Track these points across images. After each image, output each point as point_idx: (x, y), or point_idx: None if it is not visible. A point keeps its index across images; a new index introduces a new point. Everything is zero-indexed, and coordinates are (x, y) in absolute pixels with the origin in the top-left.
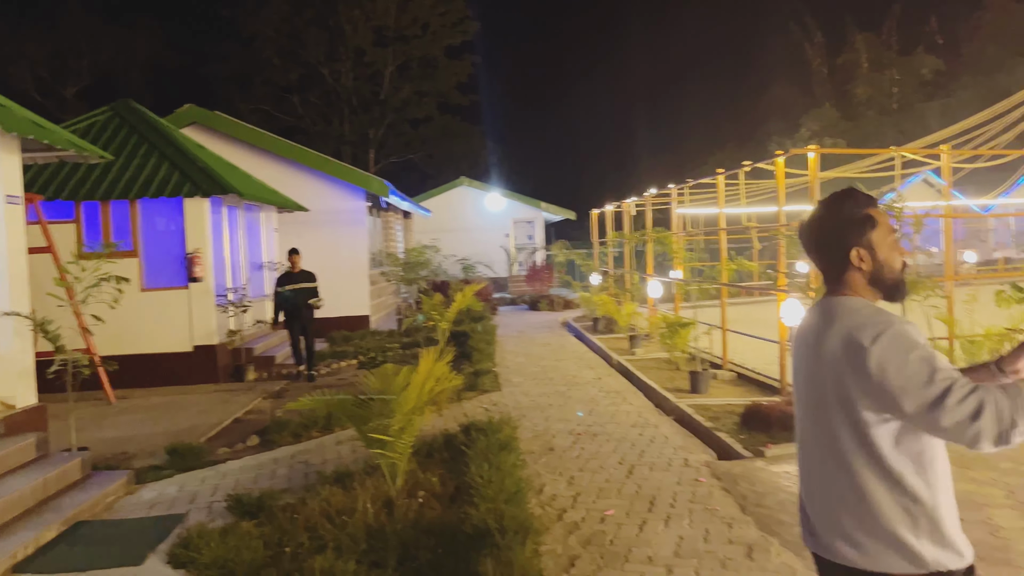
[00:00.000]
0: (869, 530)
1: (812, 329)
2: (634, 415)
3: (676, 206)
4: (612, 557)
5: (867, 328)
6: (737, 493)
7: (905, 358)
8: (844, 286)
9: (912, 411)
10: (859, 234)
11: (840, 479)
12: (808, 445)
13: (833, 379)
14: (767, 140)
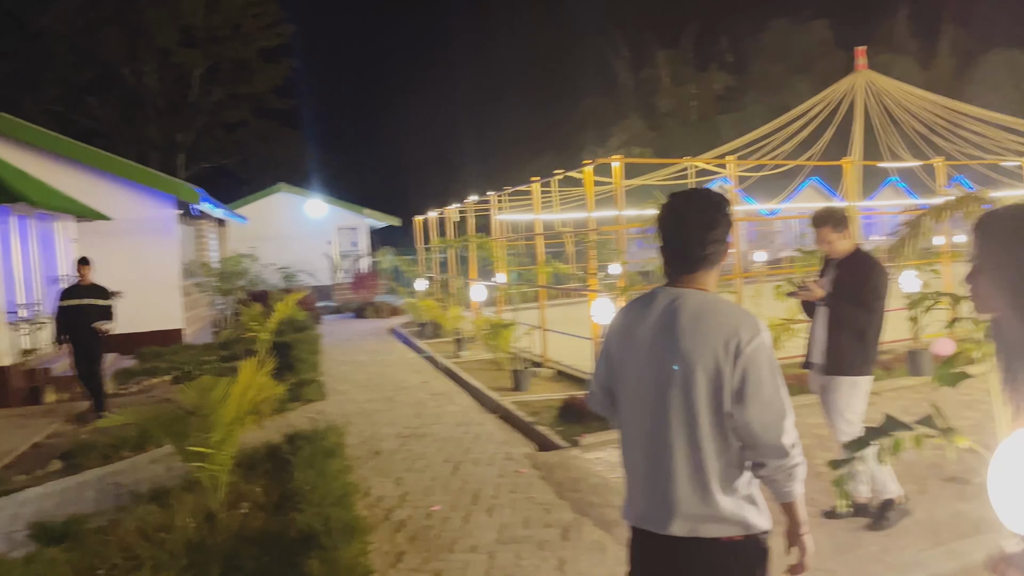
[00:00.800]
0: (721, 502)
1: (671, 315)
2: (460, 415)
3: (496, 212)
4: (438, 549)
5: (746, 329)
6: (554, 481)
7: (769, 363)
8: (702, 278)
9: (752, 417)
10: (726, 236)
11: (695, 456)
12: (659, 427)
13: (708, 367)
14: (581, 149)
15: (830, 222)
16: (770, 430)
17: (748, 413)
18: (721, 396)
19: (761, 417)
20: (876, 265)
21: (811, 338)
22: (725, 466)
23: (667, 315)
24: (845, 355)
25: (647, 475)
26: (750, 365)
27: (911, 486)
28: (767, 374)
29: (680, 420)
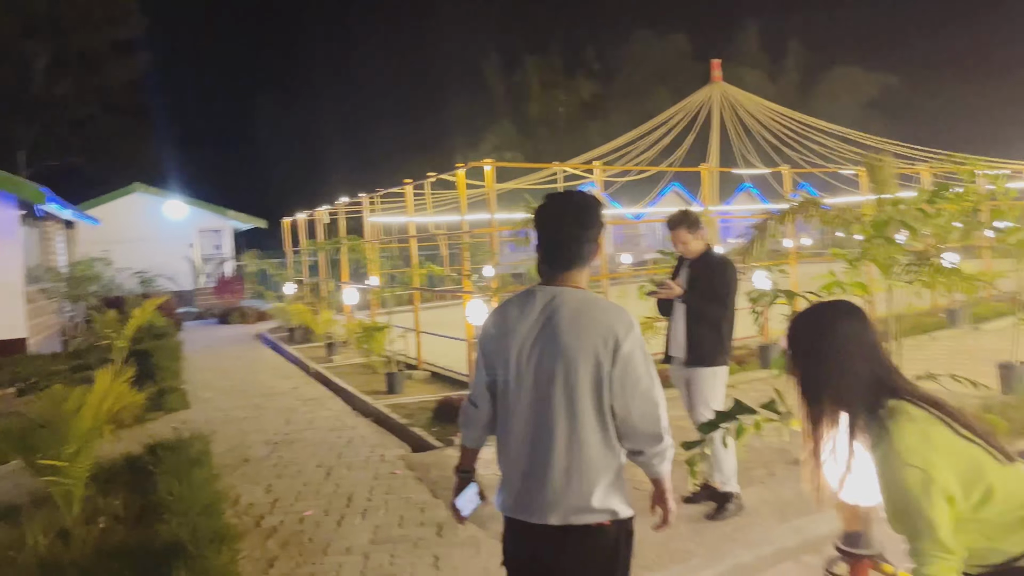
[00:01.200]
0: (595, 492)
1: (552, 311)
2: (332, 419)
3: (368, 214)
4: (311, 553)
5: (622, 325)
6: (429, 480)
7: (644, 356)
8: (573, 278)
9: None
10: (598, 236)
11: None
12: (541, 421)
13: (590, 361)
14: (453, 152)
15: (685, 224)
16: (648, 419)
17: (628, 405)
18: (602, 389)
19: (640, 408)
20: (728, 263)
21: (670, 334)
22: (602, 457)
23: (547, 313)
24: (705, 347)
25: (526, 468)
26: (628, 359)
27: (761, 470)
28: (643, 367)
29: (563, 414)
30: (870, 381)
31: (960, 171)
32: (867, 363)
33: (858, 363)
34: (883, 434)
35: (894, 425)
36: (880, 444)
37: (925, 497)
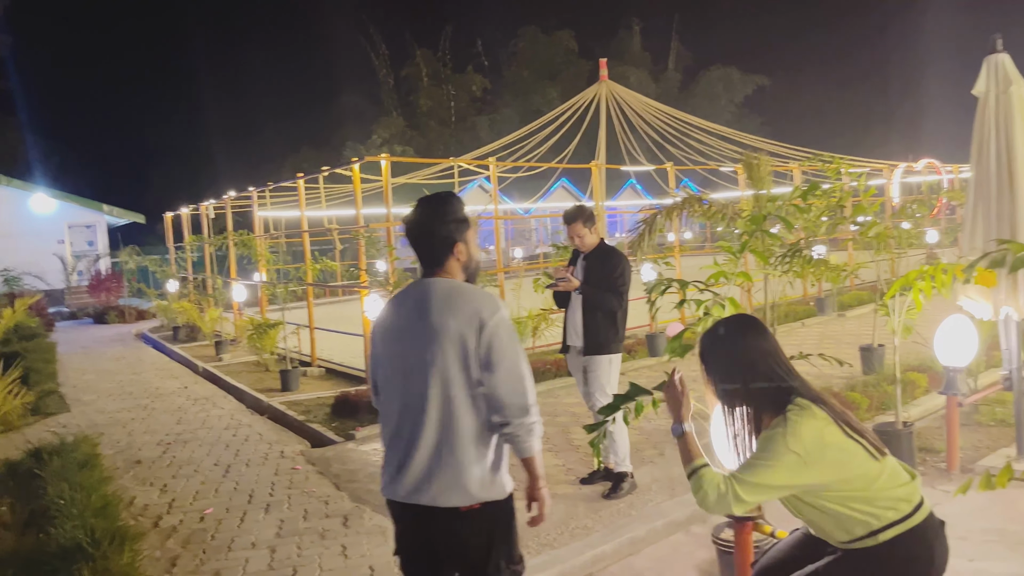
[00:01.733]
0: (465, 473)
1: (424, 301)
2: (226, 418)
3: (258, 208)
4: (215, 550)
5: (487, 307)
6: (331, 474)
7: (511, 341)
8: (444, 272)
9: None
10: (462, 232)
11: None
12: (414, 403)
13: (457, 345)
14: (343, 145)
15: (580, 218)
16: (515, 393)
17: (495, 378)
18: (470, 369)
19: (506, 380)
20: (621, 256)
21: (567, 324)
22: (476, 438)
23: (419, 300)
24: (601, 336)
25: (402, 452)
26: (493, 337)
27: (652, 451)
28: (508, 344)
29: (435, 394)
30: (773, 384)
31: (827, 169)
32: (770, 368)
33: (762, 369)
34: (781, 422)
35: (796, 418)
36: (774, 428)
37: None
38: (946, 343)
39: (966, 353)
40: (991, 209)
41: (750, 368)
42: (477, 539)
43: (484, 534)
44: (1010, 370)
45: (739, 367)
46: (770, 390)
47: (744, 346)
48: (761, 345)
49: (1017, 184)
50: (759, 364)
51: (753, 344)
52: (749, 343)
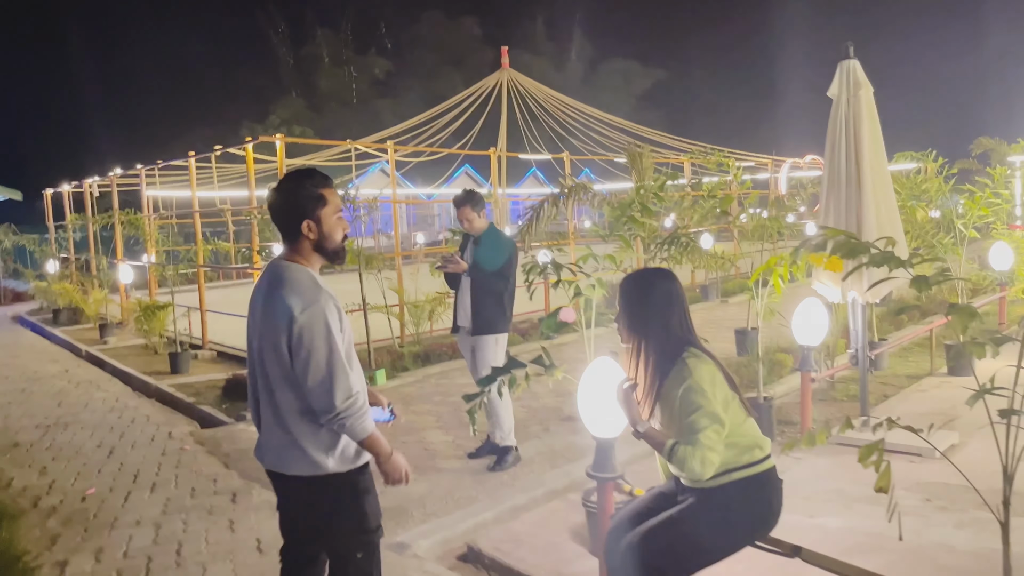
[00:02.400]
0: (300, 445)
1: (263, 287)
2: (111, 401)
3: (146, 187)
4: (97, 529)
5: (300, 299)
6: (221, 453)
7: (321, 335)
8: (296, 252)
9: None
10: (312, 209)
11: (276, 408)
12: (258, 385)
13: (272, 330)
14: (238, 124)
15: (469, 203)
16: (321, 388)
17: (302, 373)
18: (282, 355)
19: (312, 378)
20: (509, 240)
21: (457, 306)
22: (299, 417)
23: (261, 282)
24: (488, 317)
25: (256, 419)
26: (302, 332)
27: (537, 427)
28: (318, 341)
29: (261, 374)
30: (680, 331)
31: (707, 162)
32: (679, 317)
33: (673, 317)
34: (684, 370)
35: (694, 364)
36: (680, 377)
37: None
38: (801, 324)
39: (818, 333)
40: (841, 201)
41: (661, 315)
42: (324, 506)
43: (330, 502)
44: (856, 348)
45: (654, 309)
46: (676, 335)
47: (662, 291)
48: (673, 296)
49: (864, 178)
50: (670, 312)
51: (670, 291)
52: (666, 289)
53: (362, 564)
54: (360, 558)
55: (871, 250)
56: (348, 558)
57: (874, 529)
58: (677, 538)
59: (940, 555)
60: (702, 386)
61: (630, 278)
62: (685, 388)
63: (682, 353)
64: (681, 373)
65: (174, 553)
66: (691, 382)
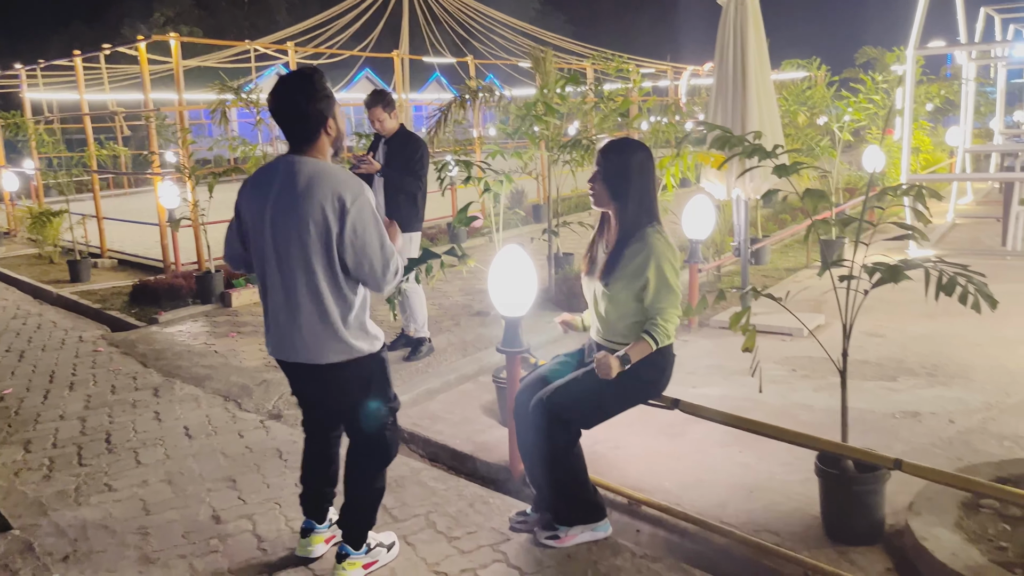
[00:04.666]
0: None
1: (297, 183)
2: (12, 309)
3: (27, 89)
4: (21, 424)
5: (349, 191)
6: (137, 354)
7: (372, 223)
8: (316, 150)
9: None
10: (331, 109)
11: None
12: (288, 278)
13: (319, 225)
14: (120, 23)
15: (380, 103)
16: (379, 270)
17: (356, 261)
18: (331, 248)
19: (370, 261)
20: (420, 141)
21: None
22: (338, 306)
23: (286, 179)
24: (401, 216)
25: (282, 317)
26: (356, 222)
27: (449, 322)
28: (371, 227)
29: (301, 270)
30: (651, 205)
31: (608, 68)
32: (653, 191)
33: (650, 189)
34: (653, 243)
35: (663, 242)
36: (648, 249)
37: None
38: (690, 220)
39: (705, 228)
40: (728, 104)
41: (641, 184)
42: (358, 385)
43: (364, 381)
44: (739, 241)
45: (633, 181)
46: (646, 209)
47: (642, 163)
48: (652, 169)
49: (749, 83)
50: (649, 184)
51: (649, 165)
52: (647, 163)
53: (391, 430)
54: (390, 424)
55: (744, 143)
56: (382, 427)
57: (748, 395)
58: (585, 394)
59: (800, 413)
60: (673, 263)
61: (618, 143)
62: (660, 261)
63: (649, 227)
64: (648, 245)
65: (103, 441)
66: (666, 257)
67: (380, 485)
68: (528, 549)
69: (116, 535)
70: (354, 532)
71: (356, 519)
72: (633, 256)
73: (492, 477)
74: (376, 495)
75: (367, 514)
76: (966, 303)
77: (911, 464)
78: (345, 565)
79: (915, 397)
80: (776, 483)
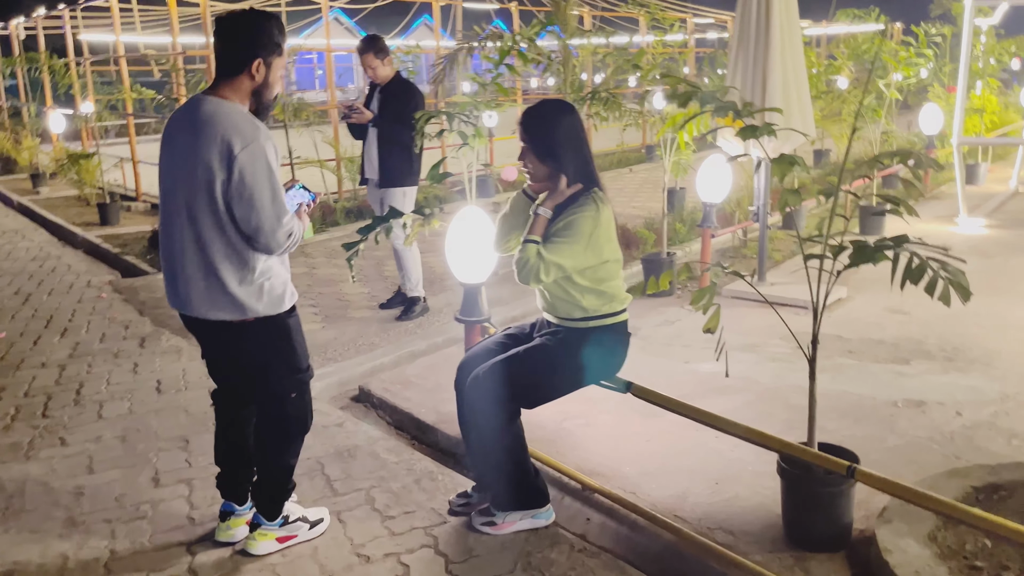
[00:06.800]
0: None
1: (188, 124)
2: (35, 250)
3: (71, 31)
4: (3, 370)
5: (239, 136)
6: (137, 301)
7: (263, 173)
8: (231, 89)
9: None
10: (268, 51)
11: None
12: (177, 225)
13: (205, 170)
14: None
15: (372, 49)
16: (265, 229)
17: (243, 215)
18: (216, 198)
19: (256, 218)
20: (414, 88)
21: (364, 157)
22: (228, 260)
23: (185, 118)
24: (396, 169)
25: (173, 268)
26: (244, 171)
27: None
28: (261, 180)
29: (185, 219)
30: (588, 167)
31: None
32: (587, 151)
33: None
34: (588, 204)
35: (598, 204)
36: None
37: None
38: (705, 182)
39: (720, 190)
40: (749, 53)
41: (572, 146)
42: (255, 350)
43: (260, 346)
44: (758, 205)
45: (563, 143)
46: (584, 171)
47: (567, 124)
48: (580, 129)
49: (772, 30)
50: (580, 144)
51: (575, 125)
52: (573, 123)
53: (296, 403)
54: (294, 398)
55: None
56: (283, 398)
57: (743, 374)
58: (525, 373)
59: (793, 395)
60: (594, 222)
61: (536, 108)
62: (581, 212)
63: (590, 190)
64: (584, 206)
65: (74, 392)
66: (589, 215)
67: (289, 460)
68: (461, 534)
69: (51, 493)
70: (266, 504)
71: (267, 492)
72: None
73: (451, 450)
74: (285, 469)
75: (278, 488)
76: (933, 293)
77: (864, 472)
78: (256, 535)
79: (924, 384)
80: (746, 475)
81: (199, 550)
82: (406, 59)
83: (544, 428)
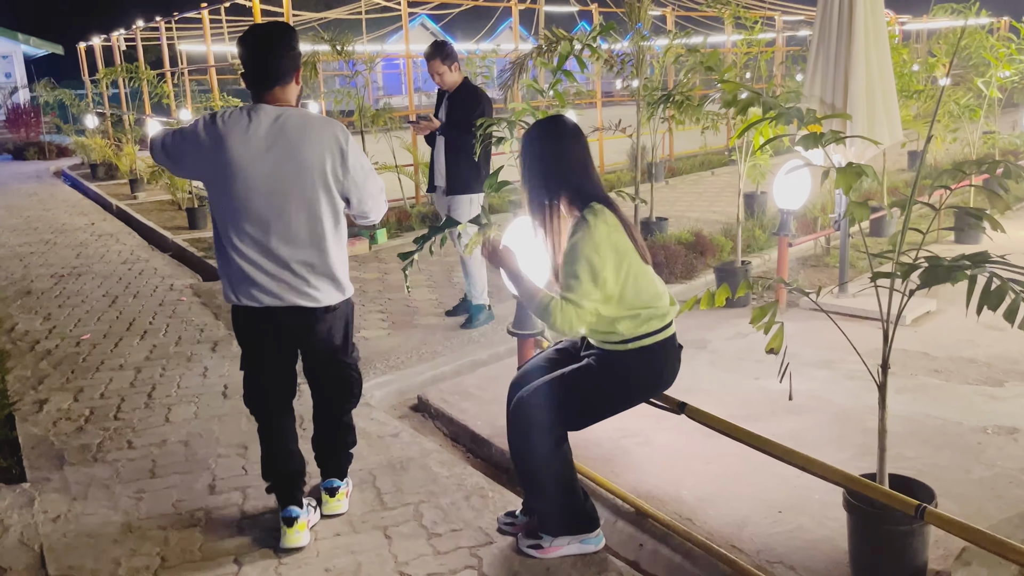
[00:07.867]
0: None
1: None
2: (126, 254)
3: (167, 40)
4: (83, 371)
5: (340, 133)
6: (214, 305)
7: (364, 157)
8: (285, 95)
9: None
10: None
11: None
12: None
13: (320, 168)
14: None
15: (439, 55)
16: (378, 196)
17: (359, 191)
18: (332, 190)
19: (371, 189)
20: (481, 94)
21: (433, 165)
22: (336, 250)
23: (277, 128)
24: (462, 176)
25: (272, 265)
26: (355, 158)
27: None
28: (365, 160)
29: (303, 215)
30: (589, 187)
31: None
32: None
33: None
34: (584, 226)
35: (593, 221)
36: (579, 232)
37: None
38: (782, 188)
39: (799, 197)
40: (831, 53)
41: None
42: (344, 326)
43: (346, 321)
44: (839, 213)
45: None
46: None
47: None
48: (576, 150)
49: (856, 28)
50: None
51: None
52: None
53: (358, 379)
54: (358, 372)
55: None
56: (353, 364)
57: (817, 393)
58: (568, 396)
59: (870, 418)
60: (596, 242)
61: (534, 130)
62: (572, 244)
63: (584, 208)
64: (575, 231)
65: (146, 395)
66: (590, 237)
67: (352, 419)
68: (507, 556)
69: (113, 497)
70: (338, 464)
71: (340, 452)
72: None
73: (505, 465)
74: (352, 427)
75: (347, 447)
76: (1013, 322)
77: (935, 513)
78: (339, 496)
79: (1019, 409)
80: (812, 504)
81: (246, 561)
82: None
83: (601, 446)
